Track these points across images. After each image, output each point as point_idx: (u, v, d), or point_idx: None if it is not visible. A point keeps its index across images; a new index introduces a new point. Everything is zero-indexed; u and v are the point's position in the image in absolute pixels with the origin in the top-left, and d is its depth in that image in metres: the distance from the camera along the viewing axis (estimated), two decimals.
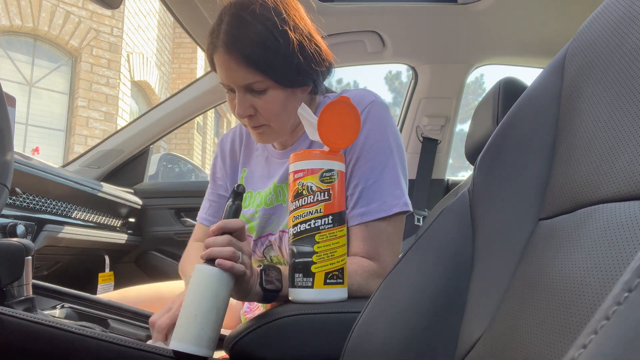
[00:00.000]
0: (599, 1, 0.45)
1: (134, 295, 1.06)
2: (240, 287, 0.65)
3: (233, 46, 0.74)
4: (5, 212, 1.09)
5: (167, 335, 0.73)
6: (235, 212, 0.69)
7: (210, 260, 0.62)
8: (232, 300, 1.07)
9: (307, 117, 0.69)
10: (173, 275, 1.73)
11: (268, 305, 0.79)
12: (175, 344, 0.60)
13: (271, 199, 0.88)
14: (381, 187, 0.78)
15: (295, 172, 0.68)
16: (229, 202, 0.70)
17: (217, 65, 0.79)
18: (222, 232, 0.65)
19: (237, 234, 0.66)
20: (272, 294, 0.68)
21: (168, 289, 1.10)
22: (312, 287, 0.64)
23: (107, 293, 1.12)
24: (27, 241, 0.69)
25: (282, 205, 0.87)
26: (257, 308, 0.98)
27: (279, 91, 0.77)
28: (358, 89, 0.87)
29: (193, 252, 0.98)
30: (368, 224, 0.78)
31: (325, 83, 0.94)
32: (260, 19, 0.74)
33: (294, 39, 0.74)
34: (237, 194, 0.70)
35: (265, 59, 0.74)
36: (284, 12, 0.75)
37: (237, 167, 0.99)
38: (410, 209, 0.80)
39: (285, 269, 0.71)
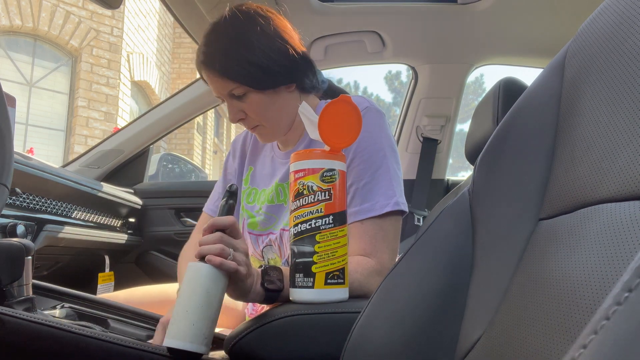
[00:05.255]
0: (599, 1, 0.45)
1: (140, 295, 1.06)
2: (237, 285, 0.65)
3: (207, 62, 0.83)
4: (5, 212, 1.09)
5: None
6: (228, 211, 0.70)
7: (203, 258, 0.63)
8: (237, 303, 1.08)
9: (308, 116, 0.69)
10: (173, 275, 1.73)
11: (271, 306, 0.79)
12: (168, 340, 0.60)
13: (273, 197, 0.91)
14: (374, 187, 0.80)
15: (296, 171, 0.68)
16: (222, 201, 0.70)
17: (204, 78, 0.87)
18: (214, 229, 0.66)
19: (229, 231, 0.66)
20: (273, 294, 0.68)
21: (175, 291, 1.10)
22: (312, 287, 0.64)
23: (113, 293, 1.13)
24: (27, 241, 0.69)
25: (283, 205, 0.89)
26: (262, 309, 0.98)
27: (258, 94, 0.83)
28: (355, 95, 0.89)
29: (189, 250, 1.01)
30: (363, 222, 0.79)
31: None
32: (226, 33, 0.83)
33: (258, 45, 0.81)
34: (231, 193, 0.71)
35: (233, 68, 0.81)
36: (247, 20, 0.82)
37: (244, 165, 1.04)
38: (403, 208, 0.81)
39: (286, 269, 0.71)
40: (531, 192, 0.45)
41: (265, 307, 0.96)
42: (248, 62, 0.80)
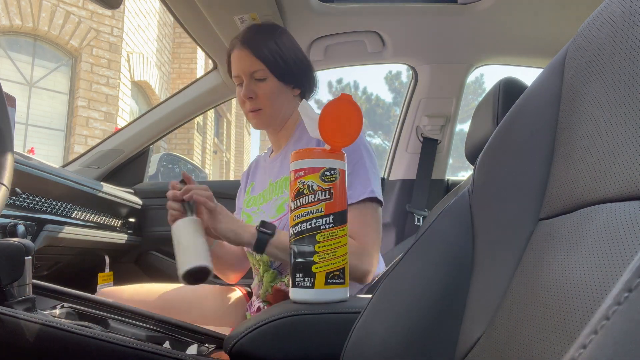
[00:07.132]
0: (599, 1, 0.45)
1: (144, 294, 1.12)
2: (219, 217, 0.86)
3: (247, 42, 1.00)
4: (5, 212, 1.09)
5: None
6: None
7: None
8: (238, 303, 1.10)
9: (309, 114, 0.69)
10: (173, 275, 1.72)
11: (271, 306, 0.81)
12: (182, 269, 0.79)
13: (266, 194, 1.05)
14: (352, 180, 0.91)
15: (296, 170, 0.68)
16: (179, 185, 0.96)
17: (232, 60, 1.03)
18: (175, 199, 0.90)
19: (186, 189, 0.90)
20: (265, 236, 0.85)
21: (178, 291, 1.12)
22: (312, 287, 0.64)
23: (118, 288, 1.13)
24: (27, 241, 0.69)
25: (274, 199, 1.01)
26: (262, 309, 0.98)
27: (275, 82, 1.00)
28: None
29: None
30: None
31: (325, 83, 1.01)
32: (266, 28, 1.04)
33: (289, 45, 1.02)
34: (181, 181, 0.94)
35: (265, 53, 0.99)
36: (279, 27, 1.06)
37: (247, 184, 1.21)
38: (379, 197, 0.92)
39: (285, 233, 0.82)
40: (531, 192, 0.45)
41: (265, 308, 0.96)
42: (279, 54, 0.99)
